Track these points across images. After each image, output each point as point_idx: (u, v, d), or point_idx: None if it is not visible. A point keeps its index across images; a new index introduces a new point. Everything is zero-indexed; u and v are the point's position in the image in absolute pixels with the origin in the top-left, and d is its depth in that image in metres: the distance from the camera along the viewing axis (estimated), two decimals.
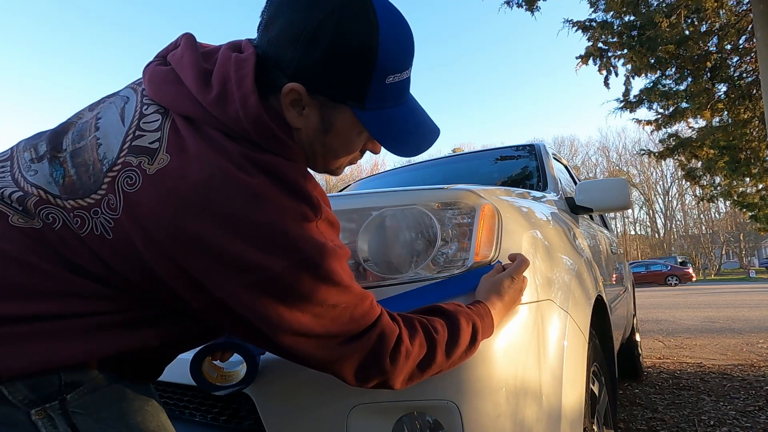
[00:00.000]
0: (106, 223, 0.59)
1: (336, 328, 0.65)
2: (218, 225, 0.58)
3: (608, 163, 49.23)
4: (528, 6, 6.82)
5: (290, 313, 0.62)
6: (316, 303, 0.63)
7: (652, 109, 7.80)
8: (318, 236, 0.63)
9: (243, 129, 0.63)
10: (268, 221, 0.60)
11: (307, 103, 0.66)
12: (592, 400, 1.14)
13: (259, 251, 0.59)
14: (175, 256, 0.58)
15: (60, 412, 0.56)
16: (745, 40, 6.91)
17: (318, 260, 0.62)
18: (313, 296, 0.62)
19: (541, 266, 1.02)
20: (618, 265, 2.81)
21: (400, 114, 0.72)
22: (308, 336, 0.64)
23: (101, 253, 0.59)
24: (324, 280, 0.63)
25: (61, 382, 0.57)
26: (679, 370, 3.89)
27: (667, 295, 15.33)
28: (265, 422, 0.88)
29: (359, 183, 3.10)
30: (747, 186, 8.64)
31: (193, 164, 0.59)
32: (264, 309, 0.61)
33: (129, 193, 0.59)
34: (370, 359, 0.68)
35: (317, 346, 0.65)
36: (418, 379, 0.74)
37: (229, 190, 0.59)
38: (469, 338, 0.77)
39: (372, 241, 0.97)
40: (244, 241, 0.59)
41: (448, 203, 0.99)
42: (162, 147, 0.61)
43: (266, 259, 0.59)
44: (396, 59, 0.67)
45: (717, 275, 39.77)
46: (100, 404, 0.60)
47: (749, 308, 9.16)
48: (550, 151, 2.49)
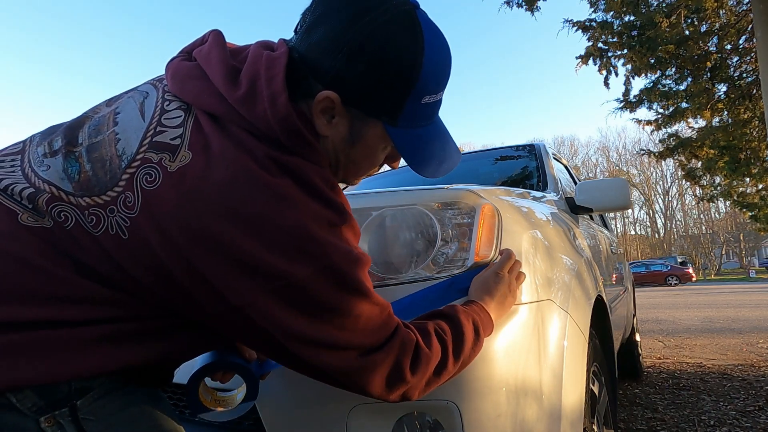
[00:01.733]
0: (123, 222, 0.56)
1: (358, 340, 0.62)
2: (240, 227, 0.56)
3: (608, 163, 49.27)
4: (528, 6, 6.81)
5: (312, 322, 0.59)
6: (339, 313, 0.60)
7: (652, 109, 7.79)
8: (343, 242, 0.61)
9: (270, 129, 0.61)
10: (292, 225, 0.57)
11: (339, 113, 0.65)
12: (592, 400, 1.14)
13: (282, 257, 0.57)
14: (193, 259, 0.56)
15: (70, 419, 0.55)
16: (745, 40, 6.91)
17: (344, 268, 0.60)
18: (337, 305, 0.60)
19: (541, 266, 1.02)
20: (618, 265, 2.81)
21: (429, 134, 0.72)
22: (329, 347, 0.61)
23: (116, 254, 0.56)
24: (349, 288, 0.61)
25: (71, 389, 0.55)
26: (679, 370, 3.89)
27: (667, 295, 15.32)
28: (265, 422, 0.88)
29: (359, 183, 3.09)
30: (747, 186, 8.64)
31: (216, 163, 0.57)
32: (284, 318, 0.58)
33: (148, 190, 0.56)
34: (393, 370, 0.65)
35: (339, 358, 0.62)
36: (435, 385, 0.71)
37: (253, 191, 0.57)
38: (473, 336, 0.75)
39: (372, 241, 0.97)
40: (266, 245, 0.56)
41: (448, 203, 0.99)
42: (184, 144, 0.59)
43: (290, 265, 0.57)
44: (435, 80, 0.67)
45: (717, 275, 39.76)
46: (110, 409, 0.58)
47: (749, 308, 9.16)
48: (550, 151, 2.49)
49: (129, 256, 0.56)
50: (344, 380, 0.65)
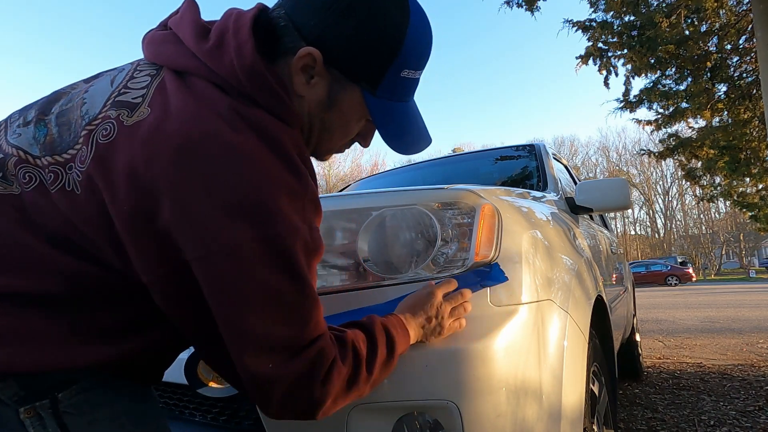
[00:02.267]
0: (77, 178, 0.56)
1: (278, 328, 0.57)
2: (187, 181, 0.53)
3: (608, 163, 49.26)
4: (528, 6, 6.81)
5: (238, 296, 0.55)
6: (267, 293, 0.55)
7: (652, 109, 7.79)
8: (297, 216, 0.57)
9: (237, 80, 0.59)
10: (244, 184, 0.54)
11: (319, 73, 0.65)
12: (592, 400, 1.14)
13: (225, 216, 0.53)
14: (137, 211, 0.54)
15: (50, 411, 0.53)
16: (745, 40, 6.91)
17: (288, 244, 0.56)
18: (268, 284, 0.55)
19: (541, 266, 1.02)
20: (618, 265, 2.81)
21: (404, 111, 0.72)
22: (249, 331, 0.56)
23: (70, 212, 0.56)
24: (286, 269, 0.56)
25: (54, 380, 0.54)
26: (679, 370, 3.89)
27: (667, 295, 15.32)
28: (265, 422, 0.88)
29: (359, 183, 3.10)
30: (747, 186, 8.64)
31: (174, 116, 0.56)
32: (213, 286, 0.55)
33: (102, 143, 0.57)
34: (302, 381, 0.58)
35: (254, 345, 0.56)
36: (341, 403, 0.65)
37: (208, 144, 0.54)
38: (385, 354, 0.70)
39: (372, 241, 0.97)
40: (212, 202, 0.53)
41: (448, 203, 0.99)
42: (145, 102, 0.59)
43: (231, 226, 0.53)
44: (416, 55, 0.68)
45: (717, 275, 39.77)
46: (93, 404, 0.57)
47: (749, 308, 9.16)
48: (550, 151, 2.49)
49: (81, 213, 0.56)
50: (250, 379, 0.58)
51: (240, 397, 0.94)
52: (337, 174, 26.68)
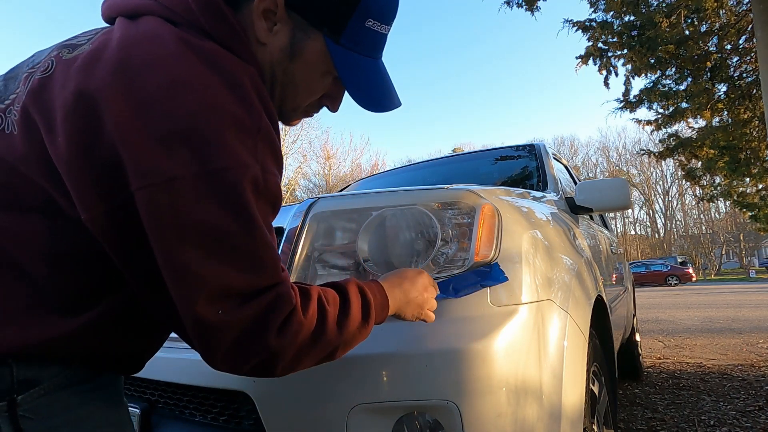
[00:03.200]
0: (14, 118, 0.55)
1: (225, 272, 0.52)
2: (124, 108, 0.49)
3: (608, 163, 49.25)
4: (528, 6, 6.81)
5: (180, 235, 0.50)
6: (212, 234, 0.51)
7: (652, 109, 7.79)
8: (246, 153, 0.53)
9: (190, 12, 0.57)
10: (184, 113, 0.50)
11: (281, 19, 0.63)
12: (592, 400, 1.14)
13: (163, 146, 0.49)
14: (73, 141, 0.50)
15: (7, 414, 0.50)
16: (745, 40, 6.90)
17: (232, 178, 0.51)
18: (213, 224, 0.51)
19: (541, 266, 1.02)
20: (618, 265, 2.81)
21: (371, 66, 0.70)
22: (190, 274, 0.51)
23: (7, 153, 0.54)
24: (229, 204, 0.51)
25: (14, 379, 0.51)
26: (679, 370, 3.89)
27: (667, 295, 15.32)
28: (265, 422, 0.88)
29: (359, 183, 3.10)
30: (747, 186, 8.64)
31: (113, 44, 0.53)
32: (152, 223, 0.50)
33: (38, 78, 0.55)
34: (253, 331, 0.54)
35: (197, 289, 0.51)
36: (307, 359, 0.61)
37: (148, 70, 0.51)
38: (359, 314, 0.66)
39: (372, 241, 0.97)
40: (149, 131, 0.49)
41: (448, 203, 0.99)
42: (88, 42, 0.57)
43: (171, 159, 0.49)
44: (382, 5, 0.66)
45: (717, 275, 39.77)
46: (54, 409, 0.53)
47: (749, 308, 9.16)
48: (550, 151, 2.49)
49: (19, 152, 0.53)
50: (194, 327, 0.53)
51: (240, 397, 0.94)
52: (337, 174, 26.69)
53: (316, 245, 1.01)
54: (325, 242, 1.01)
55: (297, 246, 0.99)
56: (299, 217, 1.03)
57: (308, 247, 1.00)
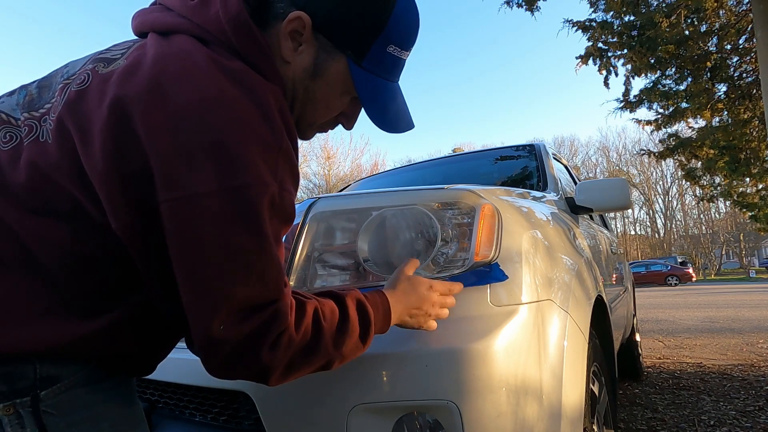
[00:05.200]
0: (49, 127, 0.57)
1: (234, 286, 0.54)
2: (156, 122, 0.52)
3: (608, 163, 49.23)
4: (528, 6, 6.82)
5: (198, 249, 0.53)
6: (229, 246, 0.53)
7: (652, 109, 7.80)
8: (268, 171, 0.55)
9: (221, 31, 0.60)
10: (212, 129, 0.52)
11: (307, 40, 0.66)
12: (592, 400, 1.14)
13: (189, 161, 0.52)
14: (106, 154, 0.53)
15: (30, 410, 0.52)
16: (745, 40, 6.91)
17: (253, 196, 0.53)
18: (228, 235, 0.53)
19: (541, 266, 1.02)
20: (618, 265, 2.81)
21: (389, 89, 0.73)
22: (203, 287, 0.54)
23: (41, 160, 0.55)
24: (247, 222, 0.54)
25: (36, 376, 0.52)
26: (679, 370, 3.89)
27: (667, 295, 15.32)
28: (265, 422, 0.88)
29: (359, 183, 3.10)
30: (747, 186, 8.65)
31: (147, 60, 0.56)
32: (173, 235, 0.53)
33: (74, 90, 0.57)
34: (249, 343, 0.56)
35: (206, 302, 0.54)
36: (300, 372, 0.63)
37: (180, 86, 0.53)
38: (358, 328, 0.68)
39: (372, 241, 0.97)
40: (177, 145, 0.52)
41: (448, 203, 0.99)
42: (123, 56, 0.59)
43: (197, 174, 0.52)
44: (403, 33, 0.69)
45: (717, 275, 39.77)
46: (75, 405, 0.55)
47: (749, 308, 9.16)
48: (550, 151, 2.49)
49: (52, 161, 0.55)
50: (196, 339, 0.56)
51: (240, 397, 0.94)
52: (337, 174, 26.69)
53: (316, 245, 1.01)
54: (325, 242, 1.01)
55: (297, 246, 0.99)
56: (299, 217, 1.03)
57: (308, 247, 1.00)
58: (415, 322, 0.81)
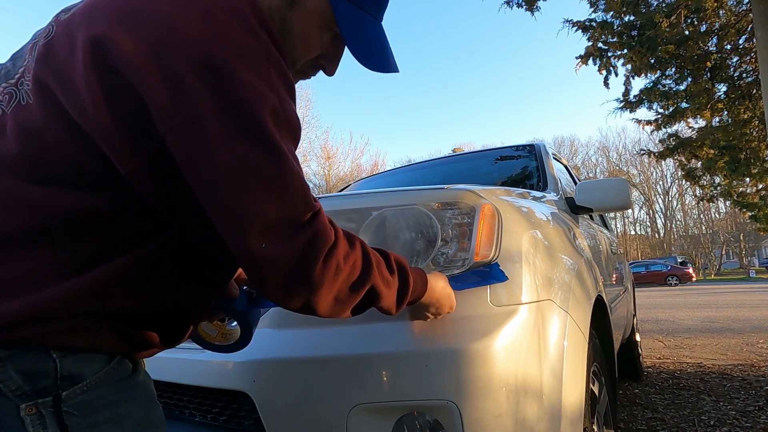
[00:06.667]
0: (27, 88, 0.55)
1: (262, 203, 0.52)
2: (135, 52, 0.49)
3: (608, 163, 49.23)
4: (528, 6, 6.82)
5: (214, 173, 0.51)
6: (243, 164, 0.51)
7: (652, 109, 7.80)
8: (261, 82, 0.53)
9: None
10: (195, 49, 0.50)
11: None
12: (592, 400, 1.14)
13: (180, 86, 0.49)
14: (98, 100, 0.50)
15: (52, 410, 0.51)
16: (745, 40, 6.91)
17: (254, 109, 0.51)
18: (239, 153, 0.51)
19: (541, 266, 1.02)
20: (618, 265, 2.81)
21: (372, 24, 0.70)
22: (231, 209, 0.52)
23: (29, 123, 0.54)
24: (254, 136, 0.52)
25: (58, 374, 0.52)
26: (679, 370, 3.89)
27: (667, 295, 15.32)
28: (265, 422, 0.88)
29: (359, 183, 3.10)
30: (747, 186, 8.65)
31: None
32: (186, 164, 0.51)
33: (42, 44, 0.56)
34: (299, 265, 0.55)
35: (240, 224, 0.53)
36: (348, 303, 0.62)
37: (151, 7, 0.51)
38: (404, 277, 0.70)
39: (372, 241, 0.97)
40: (164, 73, 0.49)
41: (448, 203, 0.99)
42: None
43: (190, 97, 0.50)
44: None
45: (717, 275, 39.77)
46: (97, 406, 0.54)
47: (749, 308, 9.16)
48: (550, 151, 2.49)
49: (40, 121, 0.53)
50: (245, 266, 0.55)
51: (240, 397, 0.94)
52: (337, 174, 26.68)
53: None
54: None
55: None
56: None
57: None
58: (425, 315, 0.83)
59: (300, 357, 0.88)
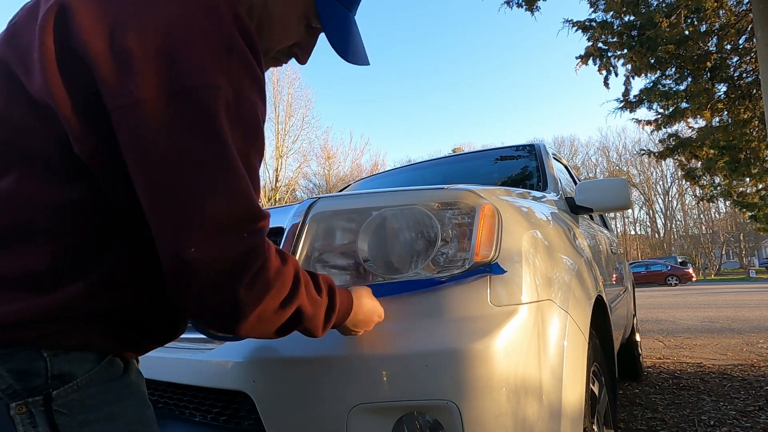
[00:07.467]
0: None
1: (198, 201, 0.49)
2: (90, 26, 0.48)
3: (608, 163, 49.23)
4: (528, 6, 6.81)
5: (151, 161, 0.48)
6: (183, 156, 0.48)
7: (652, 109, 7.79)
8: (218, 73, 0.50)
9: None
10: (151, 31, 0.48)
11: None
12: (592, 400, 1.14)
13: (129, 67, 0.47)
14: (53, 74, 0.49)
15: (42, 409, 0.50)
16: (745, 40, 6.90)
17: (204, 100, 0.48)
18: (183, 146, 0.48)
19: (541, 266, 1.02)
20: (618, 265, 2.81)
21: (347, 17, 0.72)
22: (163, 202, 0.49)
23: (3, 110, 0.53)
24: (199, 128, 0.48)
25: (48, 374, 0.51)
26: (679, 370, 3.89)
27: (667, 295, 15.32)
28: (265, 422, 0.88)
29: (359, 183, 3.10)
30: (747, 186, 8.65)
31: None
32: (125, 147, 0.48)
33: (9, 26, 0.56)
34: (226, 278, 0.51)
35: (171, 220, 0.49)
36: (272, 323, 0.58)
37: None
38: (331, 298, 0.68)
39: (372, 241, 0.97)
40: (113, 52, 0.47)
41: (448, 203, 0.99)
42: None
43: (137, 79, 0.47)
44: None
45: (717, 275, 39.77)
46: (88, 405, 0.54)
47: (749, 308, 9.16)
48: (550, 151, 2.49)
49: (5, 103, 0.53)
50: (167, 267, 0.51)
51: (240, 397, 0.94)
52: (337, 174, 26.69)
53: (316, 245, 1.01)
54: (325, 242, 1.01)
55: (297, 246, 0.99)
56: (299, 217, 1.03)
57: (308, 247, 1.00)
58: (351, 333, 0.82)
59: (300, 357, 0.88)
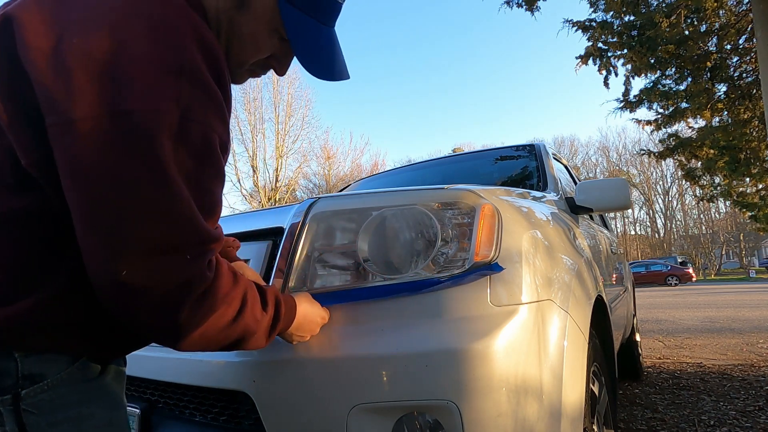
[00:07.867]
0: None
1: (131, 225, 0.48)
2: (33, 43, 0.48)
3: (608, 163, 49.21)
4: (528, 6, 6.81)
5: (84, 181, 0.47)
6: (117, 179, 0.47)
7: (652, 109, 7.79)
8: (164, 95, 0.48)
9: None
10: (96, 49, 0.47)
11: None
12: (592, 400, 1.14)
13: (68, 84, 0.46)
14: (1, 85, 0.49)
15: (11, 408, 0.50)
16: (745, 40, 6.90)
17: (143, 123, 0.47)
18: (117, 168, 0.47)
19: (541, 266, 1.02)
20: (618, 265, 2.81)
21: (322, 32, 0.69)
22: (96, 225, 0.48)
23: None
24: (137, 152, 0.47)
25: (19, 374, 0.51)
26: (679, 370, 3.89)
27: (667, 295, 15.32)
28: (265, 422, 0.88)
29: (359, 183, 3.10)
30: (747, 186, 8.65)
31: None
32: (59, 164, 0.47)
33: None
34: (169, 295, 0.51)
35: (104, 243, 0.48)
36: (215, 342, 0.58)
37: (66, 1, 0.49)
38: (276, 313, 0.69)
39: (372, 241, 0.97)
40: (54, 67, 0.47)
41: (448, 203, 0.99)
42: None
43: (75, 97, 0.46)
44: None
45: (717, 275, 39.77)
46: (57, 405, 0.53)
47: (749, 308, 9.15)
48: (550, 151, 2.49)
49: None
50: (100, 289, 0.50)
51: (240, 397, 0.94)
52: (337, 174, 26.68)
53: (316, 245, 1.01)
54: (325, 242, 1.01)
55: (297, 246, 0.99)
56: (299, 217, 1.03)
57: (308, 247, 1.00)
58: (292, 338, 0.84)
59: (300, 357, 0.88)
